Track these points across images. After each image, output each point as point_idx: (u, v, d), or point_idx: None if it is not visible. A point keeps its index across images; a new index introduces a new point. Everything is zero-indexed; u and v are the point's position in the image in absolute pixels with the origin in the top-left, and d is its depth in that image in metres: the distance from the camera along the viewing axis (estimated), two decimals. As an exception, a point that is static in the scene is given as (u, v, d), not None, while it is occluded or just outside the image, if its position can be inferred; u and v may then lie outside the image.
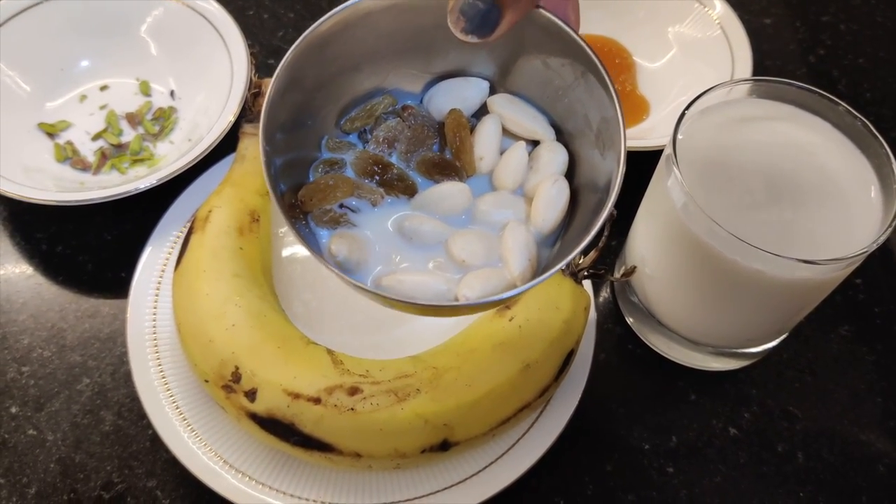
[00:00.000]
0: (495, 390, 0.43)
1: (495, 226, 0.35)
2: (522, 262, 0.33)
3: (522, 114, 0.36)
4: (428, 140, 0.36)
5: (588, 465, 0.49)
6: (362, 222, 0.35)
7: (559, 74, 0.34)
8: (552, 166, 0.35)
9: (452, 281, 0.33)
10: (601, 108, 0.32)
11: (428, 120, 0.36)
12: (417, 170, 0.35)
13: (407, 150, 0.35)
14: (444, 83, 0.37)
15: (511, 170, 0.35)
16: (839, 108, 0.44)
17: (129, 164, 0.59)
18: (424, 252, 0.34)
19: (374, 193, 0.35)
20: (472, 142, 0.35)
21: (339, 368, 0.43)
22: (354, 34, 0.33)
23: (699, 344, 0.50)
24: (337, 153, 0.36)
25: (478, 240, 0.34)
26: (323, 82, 0.34)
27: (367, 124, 0.36)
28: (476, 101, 0.37)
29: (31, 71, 0.61)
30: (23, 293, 0.54)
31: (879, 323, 0.55)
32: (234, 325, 0.44)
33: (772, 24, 0.73)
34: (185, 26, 0.61)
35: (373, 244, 0.34)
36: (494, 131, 0.36)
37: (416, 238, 0.34)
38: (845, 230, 0.42)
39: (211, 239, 0.47)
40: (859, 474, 0.49)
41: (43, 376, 0.50)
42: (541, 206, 0.34)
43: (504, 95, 0.37)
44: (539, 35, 0.33)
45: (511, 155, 0.35)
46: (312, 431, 0.41)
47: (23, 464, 0.47)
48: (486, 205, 0.35)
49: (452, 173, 0.35)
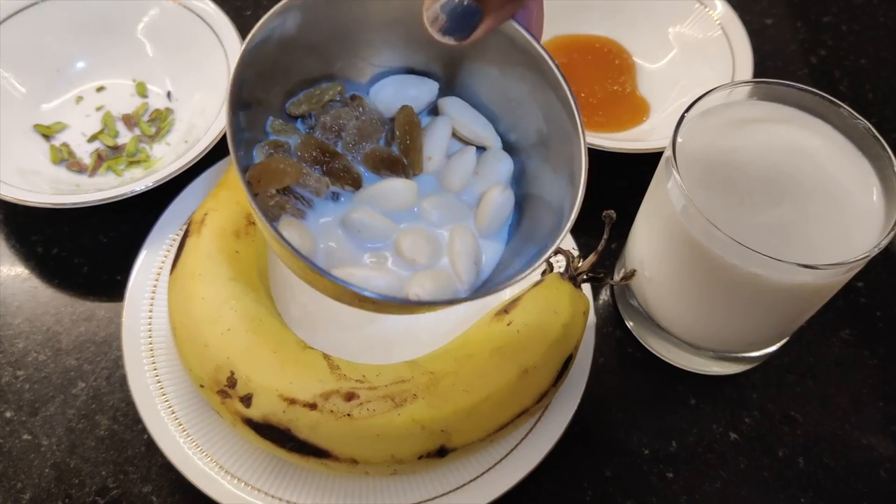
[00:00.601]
0: (493, 396, 0.42)
1: (442, 226, 0.35)
2: (469, 265, 0.34)
3: (473, 120, 0.37)
4: (375, 133, 0.35)
5: (587, 471, 0.48)
6: (307, 211, 0.34)
7: (515, 86, 0.34)
8: (497, 174, 0.36)
9: (403, 278, 0.34)
10: (559, 125, 0.32)
11: (376, 113, 0.36)
12: (364, 163, 0.35)
13: (353, 142, 0.35)
14: (393, 78, 0.36)
15: (459, 173, 0.36)
16: (840, 111, 0.44)
17: (125, 166, 0.58)
18: (369, 246, 0.34)
19: (319, 182, 0.34)
20: (422, 141, 0.35)
21: (336, 373, 0.43)
22: (308, 19, 0.33)
23: (699, 348, 0.50)
24: (281, 136, 0.35)
25: (426, 239, 0.34)
26: (275, 61, 0.33)
27: (314, 110, 0.36)
28: (424, 101, 0.37)
29: (26, 72, 0.60)
30: (18, 296, 0.53)
31: (881, 327, 0.55)
32: (229, 329, 0.43)
33: (773, 25, 0.73)
34: (182, 27, 0.61)
35: (316, 236, 0.34)
36: (445, 133, 0.36)
37: (364, 232, 0.34)
38: (847, 234, 0.42)
39: (207, 242, 0.47)
40: (861, 479, 0.49)
41: (38, 380, 0.50)
42: (487, 213, 0.35)
43: (456, 99, 0.37)
44: (503, 45, 0.33)
45: (461, 158, 0.36)
46: (308, 437, 0.41)
47: (17, 469, 0.47)
48: (433, 205, 0.35)
49: (399, 170, 0.35)
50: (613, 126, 0.60)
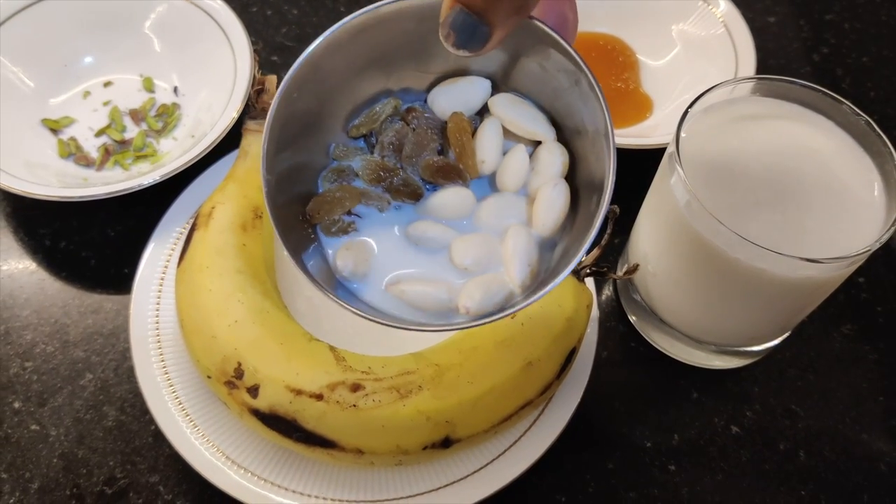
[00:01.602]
0: (497, 387, 0.43)
1: (498, 229, 0.35)
2: (523, 267, 0.34)
3: (522, 115, 0.36)
4: (431, 143, 0.36)
5: (590, 463, 0.49)
6: (369, 228, 0.36)
7: (555, 77, 0.35)
8: (552, 168, 0.36)
9: (454, 290, 0.34)
10: (594, 116, 0.33)
11: (432, 122, 0.37)
12: (422, 174, 0.36)
13: (412, 154, 0.36)
14: (447, 83, 0.37)
15: (512, 172, 0.36)
16: (843, 107, 0.44)
17: (132, 161, 0.59)
18: (430, 256, 0.35)
19: (380, 200, 0.36)
20: (474, 145, 0.36)
21: (342, 365, 0.43)
22: (350, 49, 0.34)
23: (701, 342, 0.50)
24: (344, 160, 0.36)
25: (480, 244, 0.35)
26: (324, 95, 0.35)
27: (373, 129, 0.37)
28: (479, 101, 0.37)
29: (34, 67, 0.61)
30: (26, 289, 0.54)
31: (882, 322, 0.55)
32: (236, 321, 0.44)
33: (776, 23, 0.73)
34: (189, 23, 0.62)
35: (379, 252, 0.35)
36: (495, 134, 0.36)
37: (423, 243, 0.35)
38: (848, 229, 0.42)
39: (214, 235, 0.47)
40: (861, 473, 0.49)
41: (46, 372, 0.50)
42: (541, 209, 0.35)
43: (505, 95, 0.37)
44: (534, 43, 0.33)
45: (511, 158, 0.36)
46: (314, 428, 0.41)
47: (26, 459, 0.47)
48: (489, 208, 0.35)
49: (455, 177, 0.35)
50: (617, 122, 0.61)
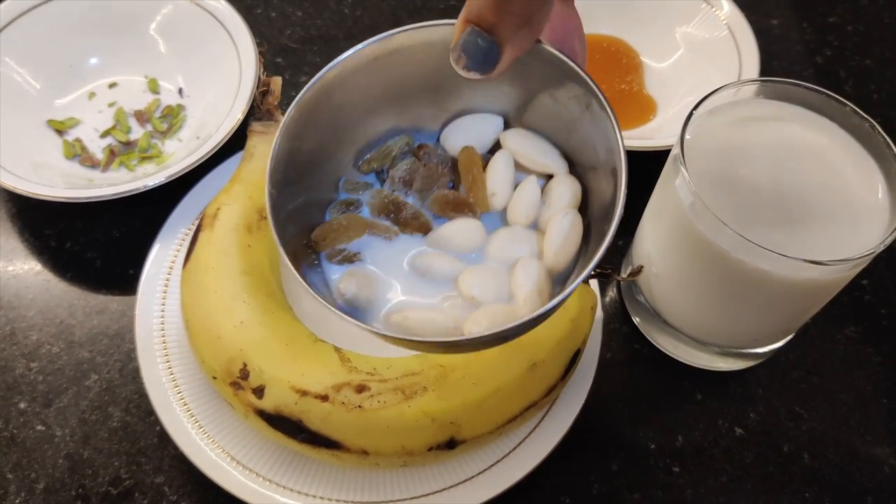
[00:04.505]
0: (502, 389, 0.43)
1: (508, 262, 0.34)
2: (532, 297, 0.33)
3: (534, 148, 0.36)
4: (442, 178, 0.36)
5: (594, 465, 0.49)
6: (376, 259, 0.35)
7: (567, 108, 0.34)
8: (564, 199, 0.35)
9: (460, 319, 0.33)
10: (606, 138, 0.32)
11: (443, 158, 0.36)
12: (432, 208, 0.36)
13: (422, 188, 0.36)
14: (459, 120, 0.37)
15: (523, 205, 0.35)
16: (847, 109, 0.44)
17: (137, 162, 0.59)
18: (436, 288, 0.34)
19: (388, 231, 0.35)
20: (485, 178, 0.36)
21: (347, 366, 0.43)
22: (362, 80, 0.34)
23: (705, 344, 0.50)
24: (354, 194, 0.36)
25: (489, 276, 0.34)
26: (335, 128, 0.35)
27: (384, 164, 0.37)
28: (491, 137, 0.37)
29: (40, 68, 0.61)
30: (31, 289, 0.54)
31: (886, 324, 0.55)
32: (242, 322, 0.44)
33: (779, 25, 0.73)
34: (194, 24, 0.62)
35: (384, 281, 0.35)
36: (506, 167, 0.36)
37: (429, 274, 0.34)
38: (852, 231, 0.42)
39: (219, 236, 0.47)
40: (865, 475, 0.49)
41: (51, 372, 0.51)
42: (552, 239, 0.34)
43: (517, 130, 0.37)
44: (544, 69, 0.33)
45: (523, 190, 0.35)
46: (320, 428, 0.42)
47: (31, 459, 0.47)
48: (499, 241, 0.35)
49: (466, 210, 0.35)
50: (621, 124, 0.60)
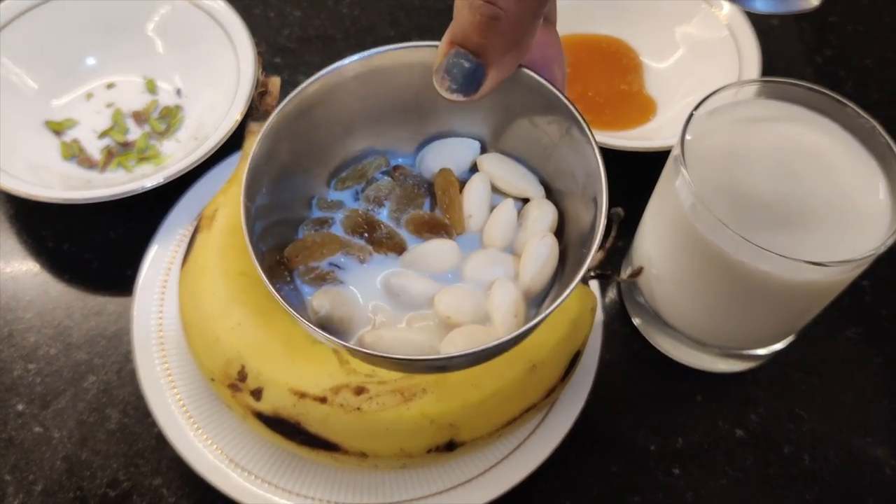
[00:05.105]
0: (501, 391, 0.43)
1: (484, 283, 0.34)
2: (508, 318, 0.33)
3: (511, 172, 0.36)
4: (418, 199, 0.36)
5: (594, 467, 0.49)
6: (350, 279, 0.35)
7: (546, 133, 0.34)
8: (541, 223, 0.35)
9: (435, 339, 0.33)
10: (586, 162, 0.32)
11: (419, 179, 0.36)
12: (407, 228, 0.35)
13: (397, 209, 0.36)
14: (435, 143, 0.37)
15: (500, 227, 0.35)
16: (847, 109, 0.44)
17: (135, 163, 0.59)
18: (411, 309, 0.34)
19: (362, 251, 0.35)
20: (462, 200, 0.35)
21: (346, 368, 0.43)
22: (341, 98, 0.34)
23: (706, 345, 0.50)
24: (327, 212, 0.36)
25: (465, 297, 0.33)
26: (312, 145, 0.35)
27: (359, 184, 0.36)
28: (468, 161, 0.37)
29: (37, 68, 0.61)
30: (29, 291, 0.54)
31: (887, 325, 0.55)
32: (239, 323, 0.44)
33: (778, 25, 0.73)
34: (192, 24, 0.61)
35: (359, 301, 0.34)
36: (483, 189, 0.36)
37: (403, 295, 0.34)
38: (853, 232, 0.42)
39: (217, 237, 0.47)
40: (866, 477, 0.49)
41: (49, 374, 0.50)
42: (528, 262, 0.34)
43: (494, 154, 0.37)
44: (524, 94, 0.33)
45: (499, 212, 0.35)
46: (318, 431, 0.41)
47: (29, 461, 0.47)
48: (475, 262, 0.34)
49: (442, 231, 0.35)
50: (621, 124, 0.61)
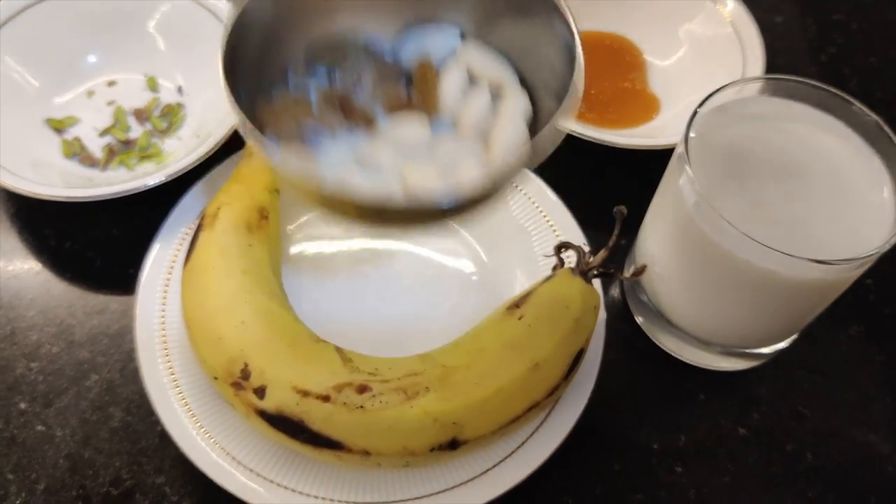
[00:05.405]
0: (504, 389, 0.43)
1: (452, 163, 0.34)
2: (479, 175, 0.32)
3: (489, 61, 0.36)
4: (395, 81, 0.36)
5: (596, 465, 0.49)
6: (320, 151, 0.35)
7: (528, 24, 0.35)
8: (514, 110, 0.35)
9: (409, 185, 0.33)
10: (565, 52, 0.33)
11: (396, 62, 0.36)
12: (381, 104, 0.35)
13: (373, 89, 0.36)
14: (416, 29, 0.37)
15: (473, 111, 0.35)
16: (852, 107, 0.44)
17: (137, 161, 0.59)
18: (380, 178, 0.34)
19: (334, 122, 0.35)
20: (437, 82, 0.36)
21: (349, 366, 0.43)
22: None
23: (709, 343, 0.50)
24: (302, 86, 0.36)
25: (434, 174, 0.34)
26: (294, 13, 0.34)
27: (336, 59, 0.36)
28: (447, 49, 0.37)
29: (38, 66, 0.61)
30: (31, 289, 0.54)
31: (890, 324, 0.55)
32: (243, 322, 0.44)
33: (782, 23, 0.73)
34: (194, 22, 0.61)
35: (326, 169, 0.34)
36: (459, 74, 0.36)
37: (373, 167, 0.34)
38: (858, 230, 0.42)
39: (220, 236, 0.47)
40: (868, 475, 0.49)
41: (51, 372, 0.50)
42: (497, 147, 0.34)
43: (473, 43, 0.37)
44: None
45: (473, 97, 0.36)
46: (321, 429, 0.41)
47: (31, 459, 0.47)
48: (445, 142, 0.35)
49: (415, 110, 0.35)
50: (624, 122, 0.61)
